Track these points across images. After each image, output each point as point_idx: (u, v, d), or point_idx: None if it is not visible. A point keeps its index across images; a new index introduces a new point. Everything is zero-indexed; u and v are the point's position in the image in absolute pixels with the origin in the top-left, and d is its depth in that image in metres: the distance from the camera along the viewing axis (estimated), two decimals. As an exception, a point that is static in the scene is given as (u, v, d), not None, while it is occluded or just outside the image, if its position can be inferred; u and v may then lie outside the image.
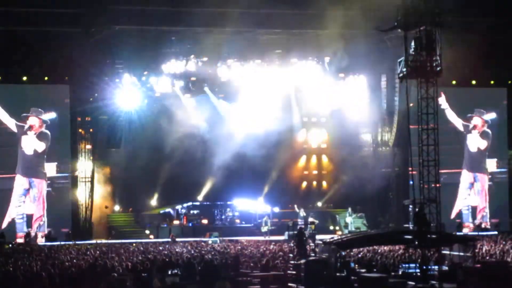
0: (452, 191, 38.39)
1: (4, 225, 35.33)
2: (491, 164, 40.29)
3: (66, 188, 37.07)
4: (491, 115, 39.90)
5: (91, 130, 38.22)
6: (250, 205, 41.60)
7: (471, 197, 39.73)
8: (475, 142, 39.79)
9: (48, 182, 36.22)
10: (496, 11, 35.69)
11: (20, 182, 35.99)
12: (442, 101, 37.38)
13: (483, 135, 39.64)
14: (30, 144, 35.94)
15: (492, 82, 40.82)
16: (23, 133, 35.88)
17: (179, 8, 34.93)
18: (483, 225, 38.90)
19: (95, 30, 35.15)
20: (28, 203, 35.93)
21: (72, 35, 35.25)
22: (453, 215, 38.82)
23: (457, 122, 39.45)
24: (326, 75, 39.68)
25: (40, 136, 35.90)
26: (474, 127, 39.64)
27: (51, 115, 36.19)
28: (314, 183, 45.19)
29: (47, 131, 35.99)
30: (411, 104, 24.20)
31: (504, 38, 37.16)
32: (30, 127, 35.86)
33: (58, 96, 37.03)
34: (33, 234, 35.10)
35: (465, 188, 39.71)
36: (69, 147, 37.24)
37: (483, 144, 39.79)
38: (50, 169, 36.46)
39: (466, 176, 39.78)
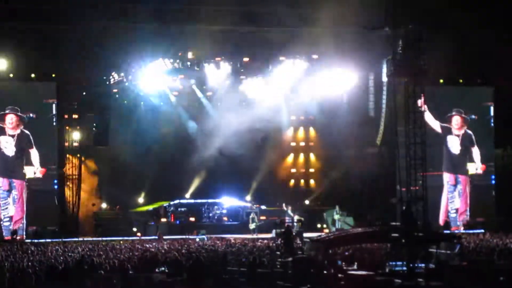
0: (432, 194, 37.86)
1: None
2: (471, 167, 39.52)
3: (52, 185, 36.86)
4: (471, 116, 39.06)
5: (78, 127, 38.08)
6: (238, 203, 41.62)
7: (456, 199, 39.13)
8: (456, 143, 38.92)
9: (26, 184, 35.44)
10: (483, 9, 35.79)
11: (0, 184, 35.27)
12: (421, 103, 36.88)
13: (465, 135, 38.91)
14: (10, 145, 35.29)
15: (479, 81, 40.79)
16: (1, 133, 35.11)
17: (167, 5, 34.90)
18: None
19: (83, 27, 35.01)
20: (10, 205, 35.33)
21: (59, 32, 35.14)
22: (441, 221, 38.07)
23: (435, 124, 38.38)
24: (314, 73, 39.66)
25: (20, 136, 35.13)
26: (455, 127, 38.67)
27: (29, 115, 35.39)
28: (302, 181, 45.27)
29: (27, 131, 35.23)
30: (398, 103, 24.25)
31: (492, 37, 37.28)
32: (10, 127, 35.12)
33: (44, 94, 36.75)
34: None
35: (450, 191, 38.92)
36: (55, 145, 36.94)
37: (465, 145, 38.92)
38: (31, 169, 35.77)
39: (448, 179, 38.89)
